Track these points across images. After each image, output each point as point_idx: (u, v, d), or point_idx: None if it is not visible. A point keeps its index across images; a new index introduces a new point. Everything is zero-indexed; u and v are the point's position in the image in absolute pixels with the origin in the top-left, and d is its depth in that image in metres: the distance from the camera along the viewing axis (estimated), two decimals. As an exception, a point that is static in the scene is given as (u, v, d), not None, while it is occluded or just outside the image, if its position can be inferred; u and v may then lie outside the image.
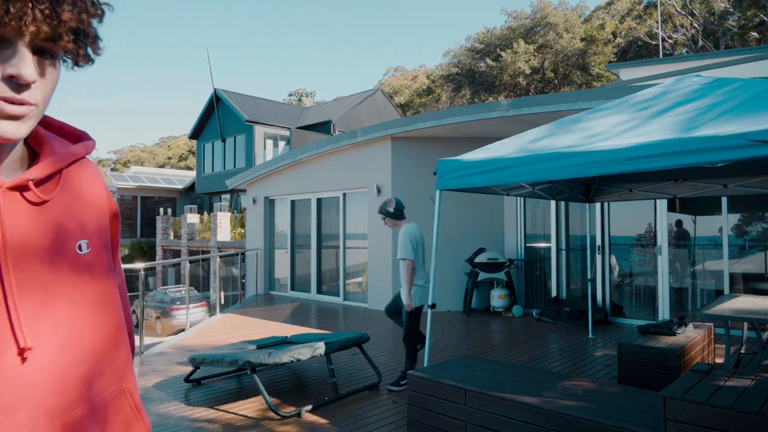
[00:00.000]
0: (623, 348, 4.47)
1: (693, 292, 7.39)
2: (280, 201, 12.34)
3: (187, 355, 6.21)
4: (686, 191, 5.81)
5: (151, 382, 5.08)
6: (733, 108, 3.26)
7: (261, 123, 25.09)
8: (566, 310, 7.77)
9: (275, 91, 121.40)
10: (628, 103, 4.11)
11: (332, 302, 10.62)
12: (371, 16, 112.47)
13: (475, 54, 34.76)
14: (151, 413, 4.19)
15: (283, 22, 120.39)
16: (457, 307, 9.15)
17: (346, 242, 10.65)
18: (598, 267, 7.98)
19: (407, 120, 9.13)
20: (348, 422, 3.92)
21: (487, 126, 8.24)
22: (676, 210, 7.44)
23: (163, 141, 76.83)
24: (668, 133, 3.20)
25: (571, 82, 32.04)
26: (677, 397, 2.50)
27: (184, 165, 62.45)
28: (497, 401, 3.13)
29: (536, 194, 5.72)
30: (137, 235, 30.01)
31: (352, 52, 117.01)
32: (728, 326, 4.29)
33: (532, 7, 33.28)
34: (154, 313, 18.11)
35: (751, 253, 6.90)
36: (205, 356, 4.55)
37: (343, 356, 5.85)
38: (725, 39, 25.57)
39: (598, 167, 3.39)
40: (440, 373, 3.62)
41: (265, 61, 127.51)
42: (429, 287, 4.55)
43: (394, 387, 4.71)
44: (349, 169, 10.39)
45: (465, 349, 6.23)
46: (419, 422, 3.54)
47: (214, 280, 18.28)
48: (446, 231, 9.06)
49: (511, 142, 4.19)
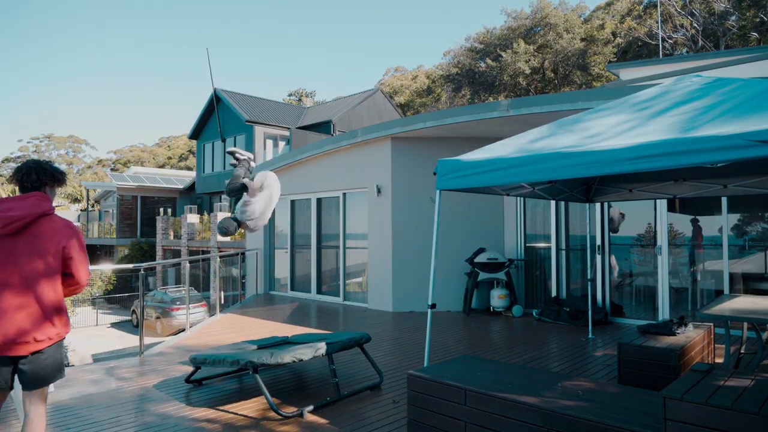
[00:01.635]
0: (623, 348, 4.47)
1: (693, 292, 7.40)
2: (279, 201, 12.33)
3: (187, 355, 6.21)
4: (686, 191, 5.81)
5: (152, 383, 5.08)
6: (733, 108, 3.26)
7: (261, 123, 25.10)
8: (566, 310, 7.77)
9: (275, 91, 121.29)
10: (628, 103, 4.11)
11: (332, 302, 10.62)
12: (371, 15, 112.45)
13: (475, 54, 34.75)
14: (151, 413, 4.19)
15: (283, 22, 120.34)
16: (457, 307, 9.15)
17: (346, 242, 10.65)
18: (598, 267, 7.98)
19: (407, 120, 9.13)
20: (348, 422, 3.92)
21: (487, 126, 8.24)
22: (676, 210, 7.44)
23: (163, 141, 76.79)
24: (668, 133, 3.20)
25: (571, 82, 32.05)
26: (677, 397, 2.50)
27: (184, 165, 62.41)
28: (497, 401, 3.13)
29: (536, 194, 5.72)
30: (137, 235, 30.00)
31: (352, 52, 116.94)
32: (728, 326, 4.29)
33: (532, 7, 33.29)
34: (154, 313, 18.12)
35: (751, 253, 6.90)
36: (206, 357, 4.54)
37: (344, 356, 5.85)
38: (725, 39, 25.57)
39: (599, 167, 3.39)
40: (440, 373, 3.62)
41: (265, 61, 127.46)
42: None
43: None
44: (349, 169, 10.39)
45: (465, 349, 6.23)
46: (419, 422, 3.54)
47: (214, 280, 18.28)
48: (446, 231, 9.06)
49: (511, 142, 4.19)
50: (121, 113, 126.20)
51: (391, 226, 9.44)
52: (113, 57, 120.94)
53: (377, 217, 9.72)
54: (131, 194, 30.38)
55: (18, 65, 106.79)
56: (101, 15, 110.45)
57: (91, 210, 38.86)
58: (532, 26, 32.92)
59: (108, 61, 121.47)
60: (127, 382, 5.13)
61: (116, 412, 4.23)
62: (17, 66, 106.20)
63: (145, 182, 31.01)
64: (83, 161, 76.01)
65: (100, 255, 32.99)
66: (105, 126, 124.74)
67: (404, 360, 5.78)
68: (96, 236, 32.22)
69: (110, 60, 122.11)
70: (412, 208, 9.44)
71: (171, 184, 32.19)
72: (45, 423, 2.79)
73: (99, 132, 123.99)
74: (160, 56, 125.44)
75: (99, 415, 4.16)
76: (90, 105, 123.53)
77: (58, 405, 4.40)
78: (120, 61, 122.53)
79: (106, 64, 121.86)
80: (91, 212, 38.50)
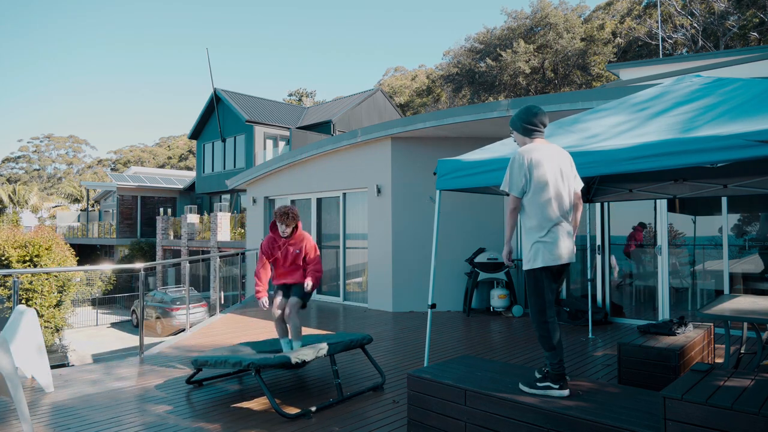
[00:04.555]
0: (623, 348, 4.47)
1: (693, 292, 7.39)
2: (280, 201, 12.34)
3: (187, 355, 6.21)
4: (686, 191, 5.80)
5: (152, 383, 5.08)
6: (733, 108, 3.26)
7: (261, 123, 25.10)
8: (566, 310, 7.77)
9: (275, 91, 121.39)
10: (628, 104, 4.11)
11: (332, 302, 10.62)
12: (371, 15, 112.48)
13: (475, 54, 34.75)
14: (151, 413, 4.19)
15: (284, 22, 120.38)
16: (457, 307, 9.15)
17: (346, 242, 10.65)
18: (598, 267, 7.98)
19: (407, 120, 9.13)
20: (348, 422, 3.92)
21: (487, 126, 8.24)
22: (676, 210, 7.44)
23: (163, 141, 76.81)
24: (668, 133, 3.20)
25: (571, 82, 32.04)
26: (677, 397, 2.50)
27: (184, 165, 62.44)
28: (497, 401, 3.13)
29: (536, 194, 5.71)
30: (137, 235, 30.01)
31: (352, 52, 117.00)
32: (728, 326, 4.29)
33: (532, 7, 33.28)
34: (154, 313, 18.12)
35: (751, 253, 6.90)
36: (208, 358, 4.53)
37: (344, 356, 5.85)
38: (725, 39, 25.56)
39: (599, 167, 3.39)
40: (440, 373, 3.62)
41: (265, 61, 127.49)
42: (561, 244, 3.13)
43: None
44: (349, 169, 10.39)
45: (465, 349, 6.23)
46: (419, 422, 3.54)
47: (214, 280, 18.27)
48: (446, 231, 9.06)
49: (511, 142, 4.19)
50: (121, 113, 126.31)
51: (391, 226, 9.44)
52: (113, 57, 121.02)
53: (377, 217, 9.72)
54: (131, 194, 30.38)
55: (18, 65, 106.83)
56: (101, 15, 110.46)
57: (91, 210, 38.88)
58: (532, 26, 32.91)
59: (108, 61, 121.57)
60: (127, 382, 5.12)
61: (116, 412, 4.23)
62: (17, 66, 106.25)
63: (145, 182, 31.00)
64: (83, 161, 76.02)
65: (100, 255, 33.01)
66: (105, 126, 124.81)
67: (404, 360, 5.78)
68: (96, 236, 32.23)
69: (110, 60, 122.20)
70: (412, 208, 9.44)
71: (171, 184, 32.19)
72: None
73: (99, 132, 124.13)
74: (160, 56, 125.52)
75: (99, 415, 4.15)
76: (90, 105, 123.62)
77: (57, 405, 4.40)
78: (120, 61, 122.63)
79: (106, 64, 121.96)
80: (91, 212, 38.51)
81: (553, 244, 3.10)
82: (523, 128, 3.28)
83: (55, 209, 46.96)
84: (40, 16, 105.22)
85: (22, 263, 12.56)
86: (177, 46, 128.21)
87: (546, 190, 3.10)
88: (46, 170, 73.24)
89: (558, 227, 3.13)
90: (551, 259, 3.10)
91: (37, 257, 12.85)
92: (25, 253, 12.70)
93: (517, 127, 3.33)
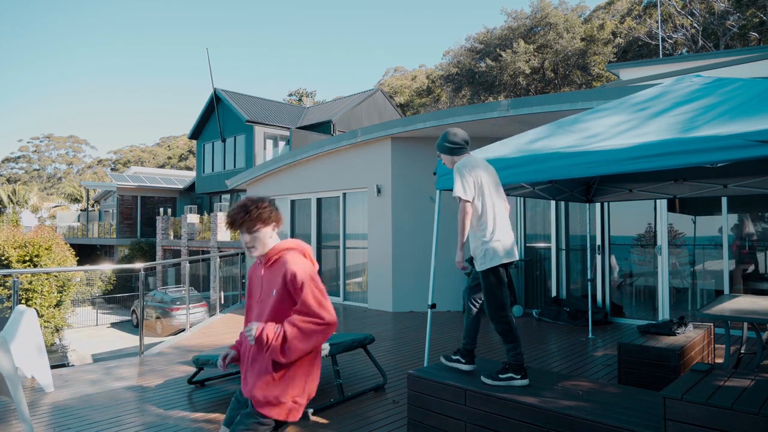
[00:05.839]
0: (623, 348, 4.47)
1: (693, 292, 7.39)
2: (280, 201, 12.34)
3: (187, 355, 6.21)
4: (686, 191, 5.80)
5: (152, 383, 5.08)
6: (733, 108, 3.26)
7: (261, 123, 25.08)
8: (566, 310, 7.77)
9: (275, 91, 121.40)
10: (628, 104, 4.10)
11: (332, 302, 10.60)
12: (371, 15, 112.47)
13: (475, 54, 34.75)
14: (151, 413, 4.19)
15: (284, 22, 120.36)
16: (457, 307, 9.15)
17: (346, 242, 10.65)
18: (598, 267, 7.98)
19: (407, 120, 9.13)
20: (348, 422, 3.92)
21: (487, 126, 8.24)
22: (676, 210, 7.44)
23: (163, 141, 76.80)
24: (668, 133, 3.20)
25: (571, 82, 32.04)
26: (677, 397, 2.50)
27: (184, 165, 62.42)
28: (497, 401, 3.13)
29: (536, 194, 5.72)
30: (137, 235, 29.99)
31: (352, 52, 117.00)
32: (728, 326, 4.29)
33: (532, 7, 33.27)
34: (154, 313, 18.12)
35: (751, 253, 6.90)
36: (209, 357, 4.53)
37: (345, 356, 5.85)
38: (725, 39, 25.56)
39: (598, 167, 3.39)
40: (440, 373, 3.62)
41: (265, 61, 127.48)
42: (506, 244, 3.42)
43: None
44: (349, 169, 10.39)
45: (465, 349, 6.22)
46: (419, 422, 3.54)
47: (214, 280, 18.27)
48: (446, 231, 9.05)
49: (511, 142, 4.19)
50: (121, 113, 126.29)
51: (391, 226, 9.44)
52: (113, 57, 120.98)
53: (377, 217, 9.72)
54: (131, 194, 30.37)
55: (18, 65, 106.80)
56: (101, 15, 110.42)
57: (91, 210, 38.87)
58: (532, 26, 32.90)
59: (108, 61, 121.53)
60: (127, 382, 5.12)
61: (116, 412, 4.23)
62: (17, 66, 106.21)
63: (145, 182, 30.99)
64: (83, 161, 76.02)
65: (100, 255, 33.00)
66: (105, 126, 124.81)
67: (404, 360, 5.78)
68: (96, 236, 32.22)
69: (110, 60, 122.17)
70: (412, 208, 9.44)
71: (171, 184, 32.18)
72: None
73: (99, 132, 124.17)
74: (160, 56, 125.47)
75: (99, 415, 4.15)
76: (90, 105, 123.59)
77: (57, 405, 4.40)
78: (120, 61, 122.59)
79: (106, 64, 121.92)
80: (91, 212, 38.51)
81: (502, 243, 3.42)
82: (449, 149, 3.63)
83: (55, 209, 46.98)
84: (40, 16, 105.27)
85: (22, 263, 12.57)
86: (177, 46, 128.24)
87: (489, 194, 3.44)
88: (46, 170, 73.27)
89: (504, 226, 3.47)
90: (504, 256, 3.41)
91: (37, 257, 12.86)
92: (25, 253, 12.71)
93: (443, 149, 3.67)
